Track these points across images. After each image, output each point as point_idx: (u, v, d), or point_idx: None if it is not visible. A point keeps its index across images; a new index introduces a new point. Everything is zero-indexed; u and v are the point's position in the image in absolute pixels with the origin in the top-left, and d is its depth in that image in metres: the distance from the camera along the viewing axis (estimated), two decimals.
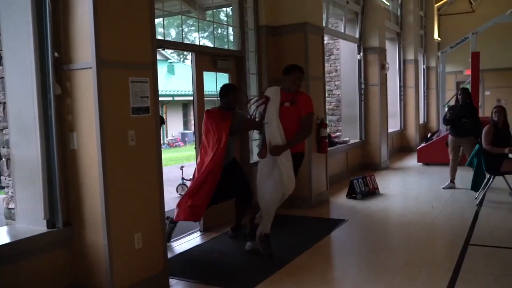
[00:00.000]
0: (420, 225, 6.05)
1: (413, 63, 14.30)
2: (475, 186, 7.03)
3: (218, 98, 5.48)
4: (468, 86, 10.75)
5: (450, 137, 8.22)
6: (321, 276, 4.41)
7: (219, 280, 4.35)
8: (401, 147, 13.85)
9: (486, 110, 17.80)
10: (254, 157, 6.92)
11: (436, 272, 4.41)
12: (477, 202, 6.94)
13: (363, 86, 10.50)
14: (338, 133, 11.06)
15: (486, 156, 6.84)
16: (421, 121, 16.30)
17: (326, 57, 12.06)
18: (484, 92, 19.00)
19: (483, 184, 7.08)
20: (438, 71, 13.94)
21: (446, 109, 9.20)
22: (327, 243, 5.51)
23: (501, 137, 6.91)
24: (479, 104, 16.83)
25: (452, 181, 8.18)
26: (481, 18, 15.01)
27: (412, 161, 11.56)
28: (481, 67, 11.59)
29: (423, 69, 17.28)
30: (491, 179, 7.08)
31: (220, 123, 5.13)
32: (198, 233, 5.84)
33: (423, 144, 11.61)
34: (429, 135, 12.85)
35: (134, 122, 3.91)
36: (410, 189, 8.81)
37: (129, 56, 3.87)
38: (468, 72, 12.45)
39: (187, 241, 5.56)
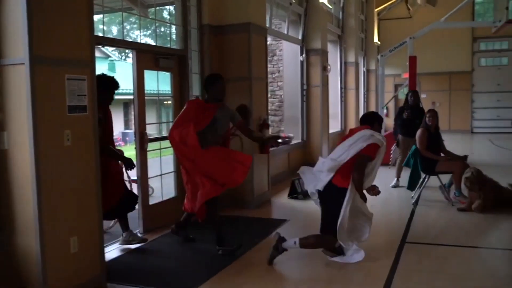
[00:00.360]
0: None
1: (354, 65, 14.64)
2: (411, 186, 7.26)
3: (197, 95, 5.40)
4: (406, 89, 11.12)
5: (401, 137, 8.50)
6: (262, 276, 4.42)
7: (159, 282, 4.28)
8: None
9: None
10: None
11: (374, 269, 4.51)
12: (413, 201, 7.17)
13: (305, 87, 10.63)
14: (285, 134, 11.14)
15: (422, 157, 7.08)
16: None
17: (269, 58, 12.11)
18: (421, 95, 19.66)
19: (419, 183, 7.32)
20: (378, 74, 14.36)
21: (385, 110, 9.47)
22: (269, 244, 5.52)
23: (433, 140, 7.19)
24: (422, 106, 17.51)
25: (398, 178, 8.50)
26: (418, 24, 15.58)
27: None
28: (418, 70, 12.02)
29: (363, 71, 17.73)
30: (427, 179, 7.33)
31: (200, 115, 5.04)
32: (138, 235, 5.71)
33: None
34: None
35: (71, 121, 3.77)
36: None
37: (66, 53, 3.73)
38: (406, 75, 12.87)
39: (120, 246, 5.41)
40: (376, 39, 18.89)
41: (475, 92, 19.92)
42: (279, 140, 9.04)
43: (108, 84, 4.98)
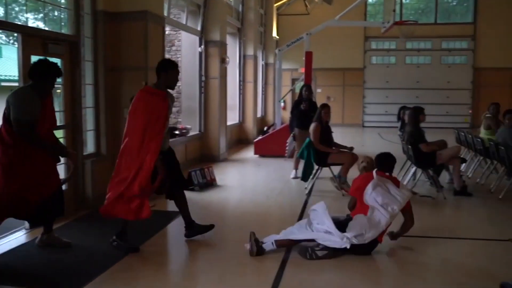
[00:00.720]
0: (255, 215, 6.30)
1: (253, 58, 14.83)
2: (305, 177, 7.51)
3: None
4: (302, 83, 11.45)
5: (297, 130, 8.71)
6: (155, 270, 4.34)
7: (44, 282, 4.04)
8: (239, 139, 14.30)
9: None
10: (89, 149, 6.62)
11: (266, 260, 4.60)
12: (307, 192, 7.43)
13: (203, 78, 10.60)
14: (183, 125, 11.03)
15: (315, 149, 7.35)
16: (259, 115, 17.00)
17: (167, 48, 11.94)
18: (316, 90, 20.45)
19: (312, 174, 7.60)
20: (276, 68, 14.66)
21: (283, 103, 9.71)
22: (163, 236, 5.46)
23: (325, 133, 7.52)
24: (314, 101, 18.11)
25: (296, 170, 8.71)
26: (315, 20, 16.08)
27: (249, 153, 11.98)
28: (314, 66, 12.44)
29: (262, 65, 18.03)
30: (319, 170, 7.63)
31: (160, 103, 4.73)
32: (24, 231, 5.36)
33: (260, 137, 12.13)
34: (265, 128, 13.47)
35: None
36: (246, 181, 9.14)
37: None
38: (303, 70, 13.26)
39: (9, 241, 5.05)
40: (275, 34, 19.27)
41: (366, 88, 21.05)
42: (176, 132, 8.95)
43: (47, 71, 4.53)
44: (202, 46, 10.60)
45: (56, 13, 7.14)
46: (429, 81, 20.30)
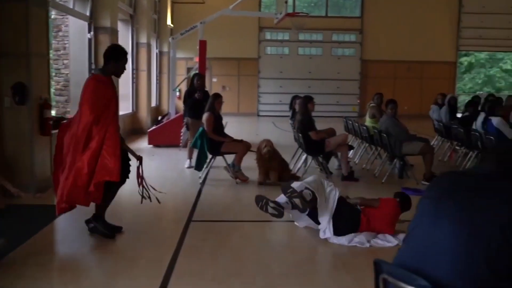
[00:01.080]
0: (148, 205, 6.16)
1: (146, 46, 14.49)
2: (199, 166, 7.50)
3: None
4: (196, 72, 11.37)
5: (190, 120, 8.61)
6: (42, 265, 4.12)
7: None
8: (133, 129, 13.93)
9: None
10: None
11: (160, 249, 4.56)
12: (201, 181, 7.43)
13: (93, 66, 10.17)
14: (71, 115, 10.51)
15: (208, 138, 7.36)
16: (153, 104, 16.69)
17: (53, 33, 11.29)
18: (211, 79, 20.46)
19: (206, 164, 7.61)
20: (170, 56, 14.44)
21: (178, 93, 9.58)
22: (50, 232, 5.19)
23: (218, 123, 7.59)
24: (207, 90, 18.06)
25: (190, 159, 8.58)
26: (210, 9, 16.00)
27: (143, 143, 11.72)
28: (209, 55, 12.41)
29: (156, 53, 17.68)
30: (213, 159, 7.65)
31: (109, 90, 4.73)
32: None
33: (154, 127, 11.91)
34: (159, 118, 13.25)
35: None
36: None
37: None
38: (197, 59, 13.17)
39: None
40: (169, 22, 18.97)
41: (261, 78, 21.42)
42: (64, 121, 8.51)
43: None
44: (92, 33, 10.15)
45: None
46: (320, 72, 21.11)
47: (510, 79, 34.26)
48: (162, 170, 8.59)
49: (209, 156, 7.55)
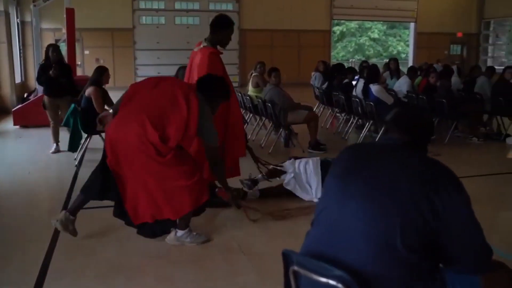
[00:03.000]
0: (18, 195, 5.48)
1: (4, 15, 12.95)
2: (73, 147, 6.82)
3: None
4: (64, 44, 10.42)
5: (46, 98, 7.64)
6: None
7: None
8: None
9: (86, 69, 17.97)
10: None
11: (33, 244, 4.03)
12: (76, 163, 6.77)
13: None
14: None
15: (83, 115, 6.69)
16: (18, 80, 15.14)
17: None
18: (83, 51, 19.12)
19: (81, 144, 6.95)
20: (33, 26, 13.07)
21: (38, 67, 8.44)
22: None
23: (107, 97, 7.06)
24: (79, 63, 16.85)
25: (57, 143, 7.64)
26: None
27: (8, 124, 10.54)
28: (80, 25, 11.41)
29: (17, 23, 15.99)
30: (89, 139, 7.00)
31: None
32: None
33: (19, 105, 10.76)
34: (26, 95, 12.03)
35: None
36: (4, 156, 7.95)
37: None
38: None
39: None
40: None
41: (137, 49, 20.39)
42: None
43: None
44: None
45: None
46: None
47: (378, 47, 36.38)
48: (31, 153, 7.72)
49: (84, 135, 6.90)
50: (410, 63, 22.07)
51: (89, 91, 6.78)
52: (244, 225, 4.47)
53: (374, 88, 7.97)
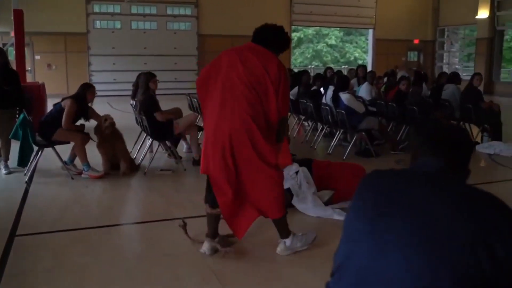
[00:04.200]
0: None
1: None
2: (23, 161, 6.20)
3: None
4: (13, 48, 9.70)
5: None
6: None
7: None
8: None
9: (37, 75, 17.09)
10: None
11: None
12: (27, 179, 6.14)
13: None
14: None
15: (43, 126, 6.18)
16: None
17: None
18: (34, 56, 18.22)
19: (32, 157, 6.33)
20: None
21: None
22: None
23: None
24: (29, 68, 15.98)
25: (6, 161, 6.64)
26: None
27: None
28: (31, 29, 10.68)
29: None
30: (41, 151, 6.39)
31: None
32: None
33: None
34: None
35: None
36: None
37: None
38: (13, 33, 11.30)
39: None
40: None
41: (91, 54, 19.58)
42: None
43: None
44: None
45: None
46: (156, 47, 19.94)
47: (335, 53, 36.56)
48: None
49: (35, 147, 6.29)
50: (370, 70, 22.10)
51: (65, 102, 6.22)
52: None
53: (344, 96, 7.67)
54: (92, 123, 6.63)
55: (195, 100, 9.51)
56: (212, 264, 3.68)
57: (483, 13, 20.35)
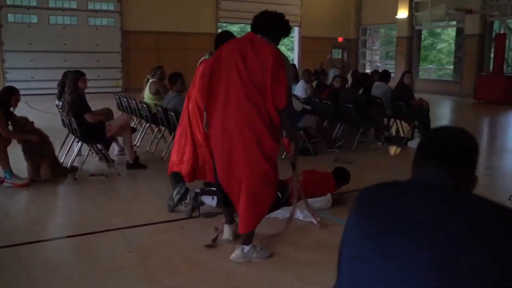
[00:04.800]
0: None
1: None
2: None
3: None
4: None
5: None
6: None
7: None
8: None
9: None
10: None
11: None
12: None
13: None
14: None
15: None
16: None
17: None
18: None
19: None
20: None
21: None
22: None
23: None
24: None
25: None
26: None
27: None
28: None
29: None
30: None
31: None
32: None
33: None
34: None
35: None
36: None
37: None
38: None
39: None
40: None
41: (5, 51, 18.29)
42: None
43: None
44: None
45: None
46: (77, 44, 18.92)
47: None
48: None
49: None
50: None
51: None
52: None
53: None
54: None
55: (125, 99, 9.07)
56: (163, 277, 3.40)
57: (402, 13, 21.12)
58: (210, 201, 4.71)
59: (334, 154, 7.65)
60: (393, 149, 8.62)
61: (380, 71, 10.35)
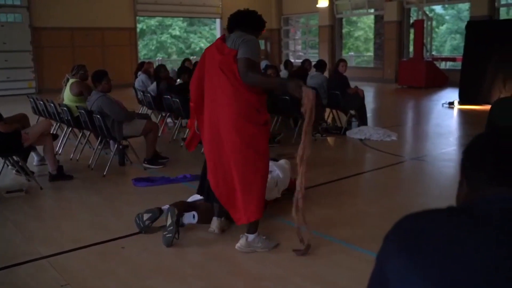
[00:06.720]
0: None
1: None
2: None
3: None
4: None
5: None
6: None
7: None
8: None
9: None
10: None
11: None
12: None
13: None
14: None
15: None
16: None
17: None
18: None
19: None
20: None
21: None
22: None
23: None
24: None
25: None
26: None
27: None
28: None
29: None
30: None
31: None
32: None
33: None
34: None
35: None
36: None
37: None
38: None
39: None
40: None
41: None
42: None
43: None
44: None
45: None
46: None
47: (180, 44, 35.81)
48: None
49: None
50: None
51: None
52: None
53: None
54: None
55: (41, 102, 8.20)
56: None
57: (323, 2, 21.15)
58: (191, 219, 4.14)
59: (275, 150, 7.27)
60: (332, 140, 8.40)
61: (308, 60, 10.14)
